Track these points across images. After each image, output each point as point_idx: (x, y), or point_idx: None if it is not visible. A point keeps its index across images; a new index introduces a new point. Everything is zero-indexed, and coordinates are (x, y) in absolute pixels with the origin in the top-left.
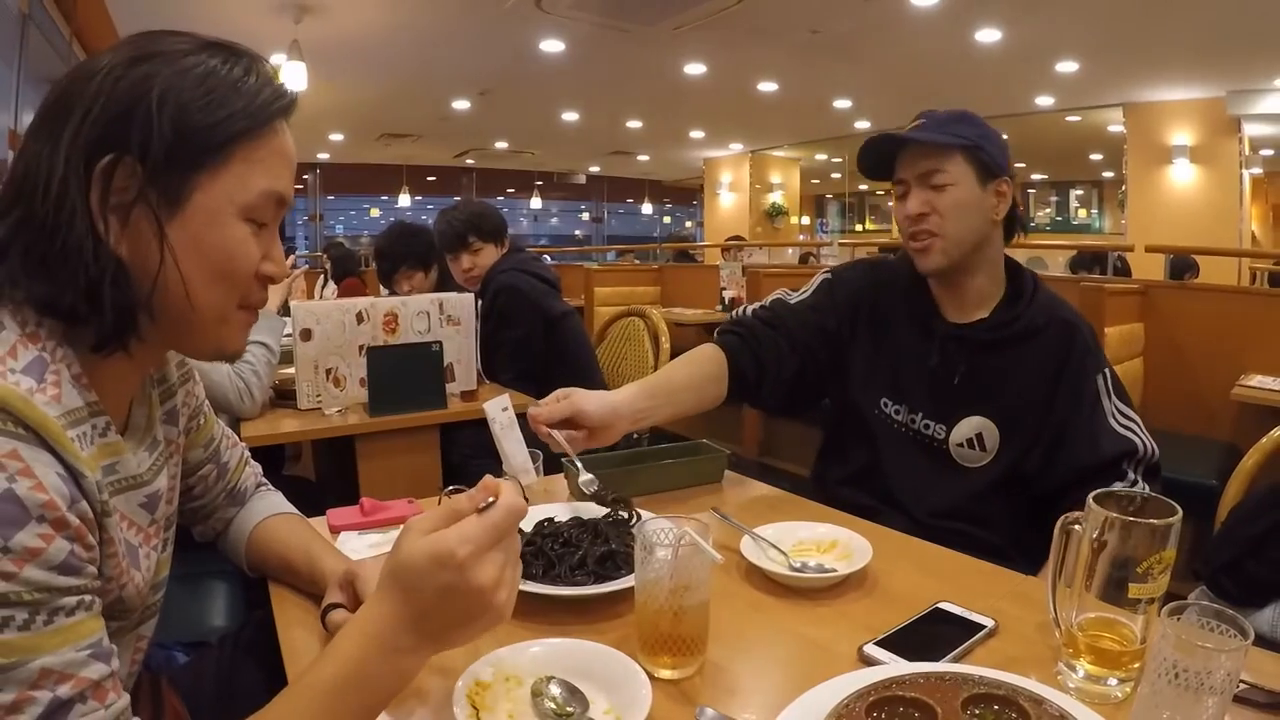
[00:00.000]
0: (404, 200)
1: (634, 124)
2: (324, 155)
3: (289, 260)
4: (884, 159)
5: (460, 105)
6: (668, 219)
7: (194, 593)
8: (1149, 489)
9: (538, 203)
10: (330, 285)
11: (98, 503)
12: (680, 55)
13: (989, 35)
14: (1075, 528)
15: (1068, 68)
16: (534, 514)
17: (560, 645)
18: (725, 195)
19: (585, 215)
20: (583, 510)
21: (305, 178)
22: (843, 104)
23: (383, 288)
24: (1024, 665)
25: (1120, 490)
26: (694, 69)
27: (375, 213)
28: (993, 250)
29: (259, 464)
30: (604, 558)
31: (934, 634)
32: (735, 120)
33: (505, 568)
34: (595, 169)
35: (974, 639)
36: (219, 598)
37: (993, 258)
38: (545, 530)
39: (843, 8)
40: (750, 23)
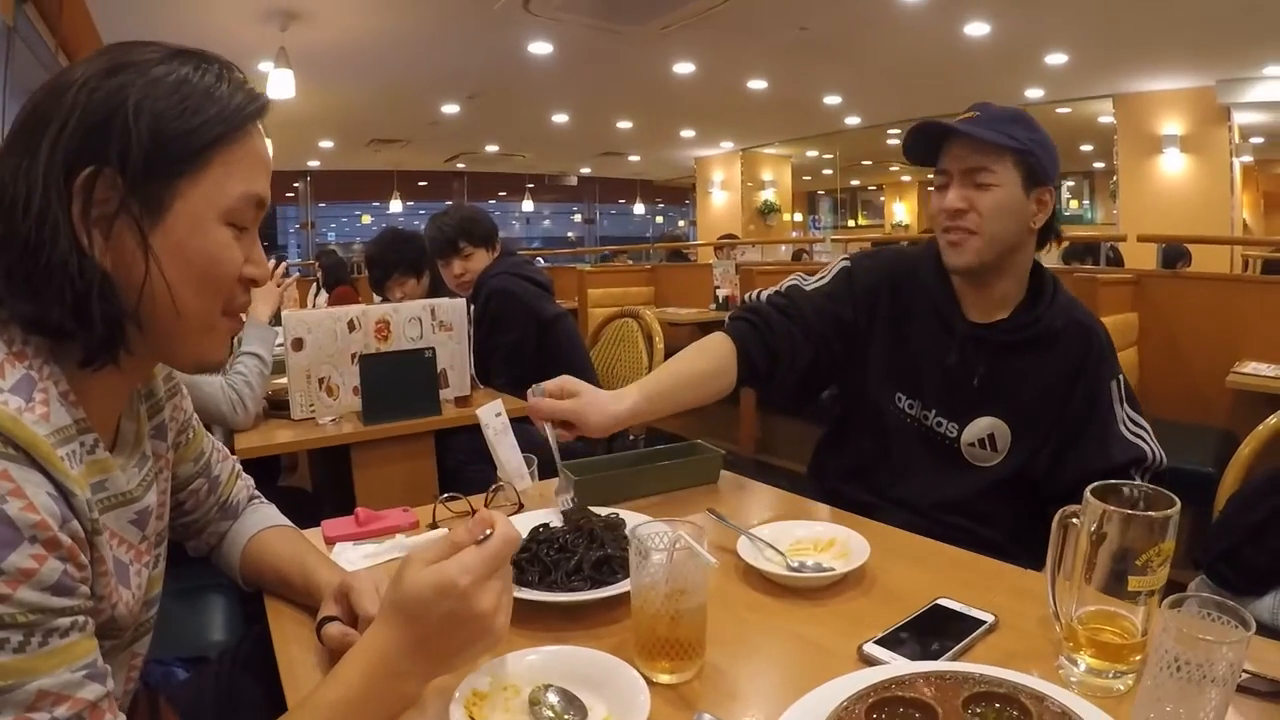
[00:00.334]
0: (395, 206)
1: (624, 124)
2: (314, 163)
3: (280, 268)
4: (929, 145)
5: (450, 109)
6: (660, 219)
7: (191, 607)
8: None
9: (529, 205)
10: (322, 294)
11: (88, 521)
12: (669, 55)
13: (978, 29)
14: (1074, 521)
15: (1057, 60)
16: (529, 520)
17: (557, 653)
18: (717, 194)
19: (577, 217)
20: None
21: (296, 185)
22: (833, 100)
23: (375, 295)
24: (1025, 660)
25: (1118, 483)
26: (683, 68)
27: (367, 219)
28: (1024, 255)
29: (252, 476)
30: (599, 563)
31: (934, 631)
32: (726, 119)
33: (502, 594)
34: (586, 170)
35: (974, 635)
36: (217, 611)
37: (1022, 262)
38: (540, 536)
39: (831, 4)
40: (738, 21)
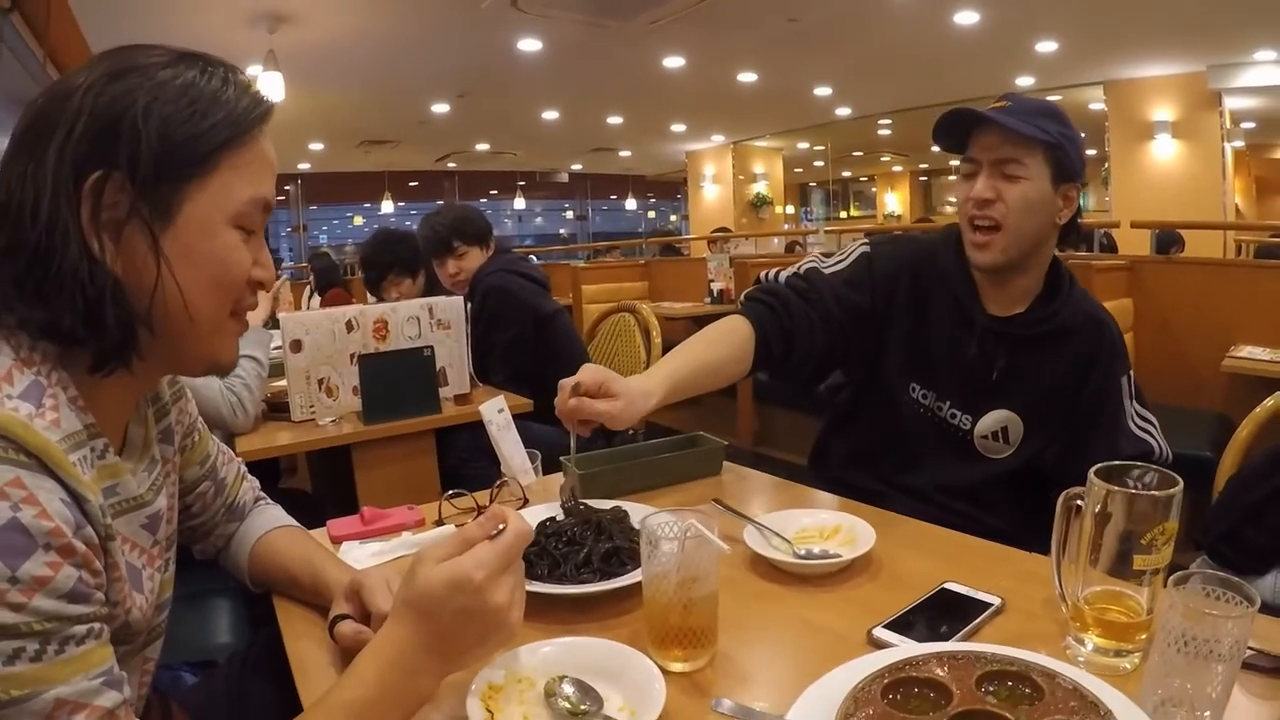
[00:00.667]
0: (387, 206)
1: (615, 120)
2: (305, 165)
3: None
4: (959, 133)
5: (439, 109)
6: (652, 214)
7: (198, 612)
8: None
9: (521, 203)
10: (315, 297)
11: (101, 526)
12: (658, 49)
13: (967, 17)
14: (1078, 503)
15: (1047, 47)
16: (535, 514)
17: (571, 644)
18: (709, 187)
19: (569, 213)
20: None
21: (287, 188)
22: (823, 91)
23: (370, 296)
24: (1032, 641)
25: (1121, 464)
26: (673, 62)
27: (359, 220)
28: (1046, 250)
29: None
30: (608, 554)
31: (942, 614)
32: (716, 112)
33: (515, 589)
34: (577, 167)
35: (982, 618)
36: (223, 615)
37: (1044, 257)
38: (548, 530)
39: None
40: (727, 14)
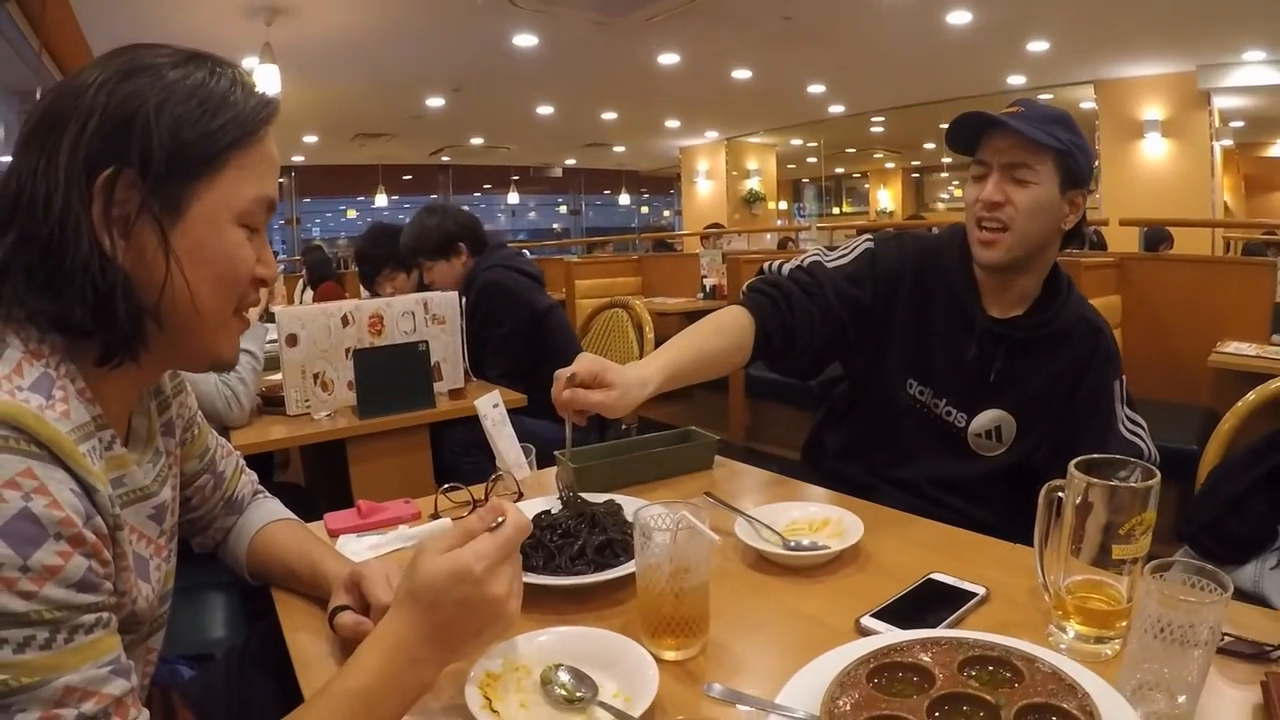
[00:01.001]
0: (381, 200)
1: (609, 115)
2: (299, 158)
3: None
4: (970, 135)
5: (434, 103)
6: (645, 209)
7: (193, 606)
8: None
9: (515, 197)
10: (308, 291)
11: (110, 517)
12: (653, 45)
13: (960, 17)
14: (1060, 495)
15: (1039, 46)
16: (530, 508)
17: (567, 633)
18: (702, 183)
19: (563, 208)
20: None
21: (281, 181)
22: (817, 89)
23: (365, 290)
24: (1016, 629)
25: (1100, 458)
26: (667, 59)
27: (352, 214)
28: (1049, 255)
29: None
30: (602, 546)
31: (927, 603)
32: (710, 108)
33: (514, 579)
34: (571, 162)
35: (966, 606)
36: (218, 609)
37: (1046, 261)
38: (543, 522)
39: None
40: (723, 11)
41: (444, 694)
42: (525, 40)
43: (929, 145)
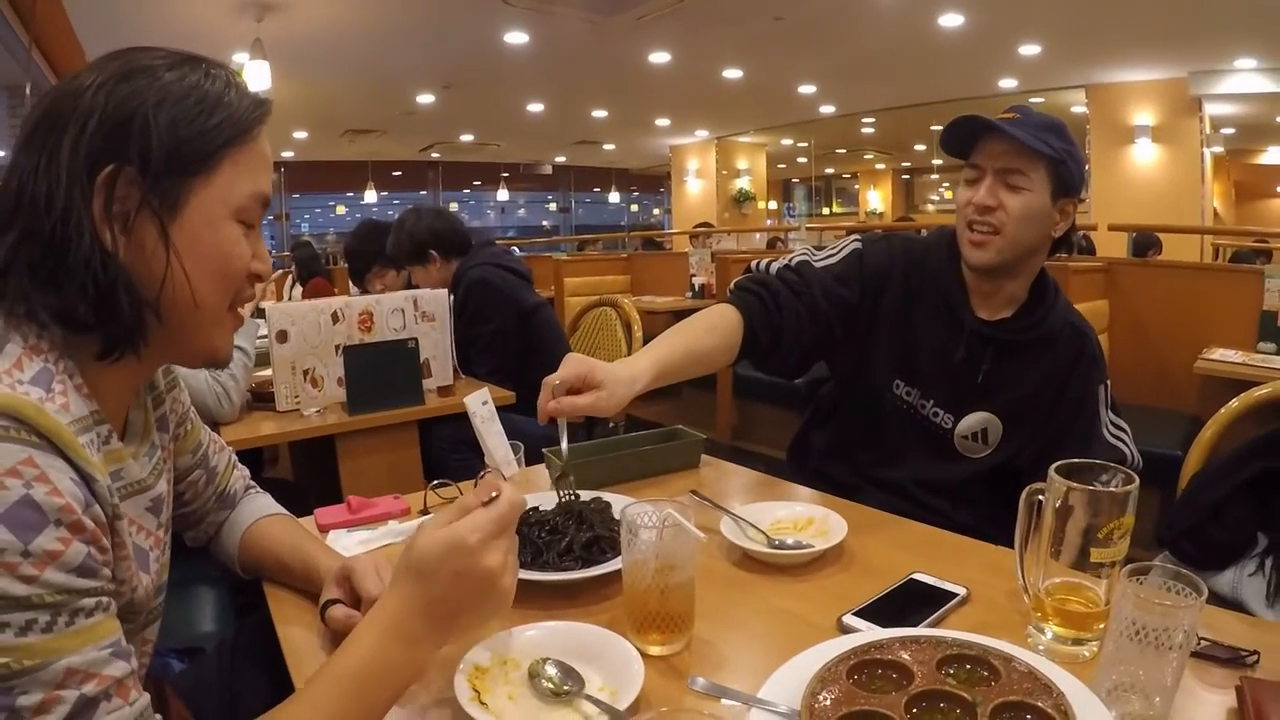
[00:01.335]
0: (370, 196)
1: (599, 113)
2: (288, 153)
3: None
4: (964, 139)
5: (425, 99)
6: (635, 207)
7: (182, 600)
8: None
9: (504, 194)
10: (297, 287)
11: (109, 506)
12: (645, 44)
13: (952, 19)
14: (1040, 498)
15: (1030, 50)
16: None
17: (554, 628)
18: (692, 182)
19: (552, 206)
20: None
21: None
22: (807, 89)
23: (354, 287)
24: (995, 630)
25: (1080, 462)
26: (658, 57)
27: (341, 210)
28: (1038, 260)
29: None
30: (589, 543)
31: (909, 603)
32: (701, 107)
33: (509, 554)
34: (561, 159)
35: (947, 607)
36: (208, 604)
37: (1034, 266)
38: (531, 519)
39: None
40: (714, 10)
41: (433, 686)
42: (516, 37)
43: (919, 147)
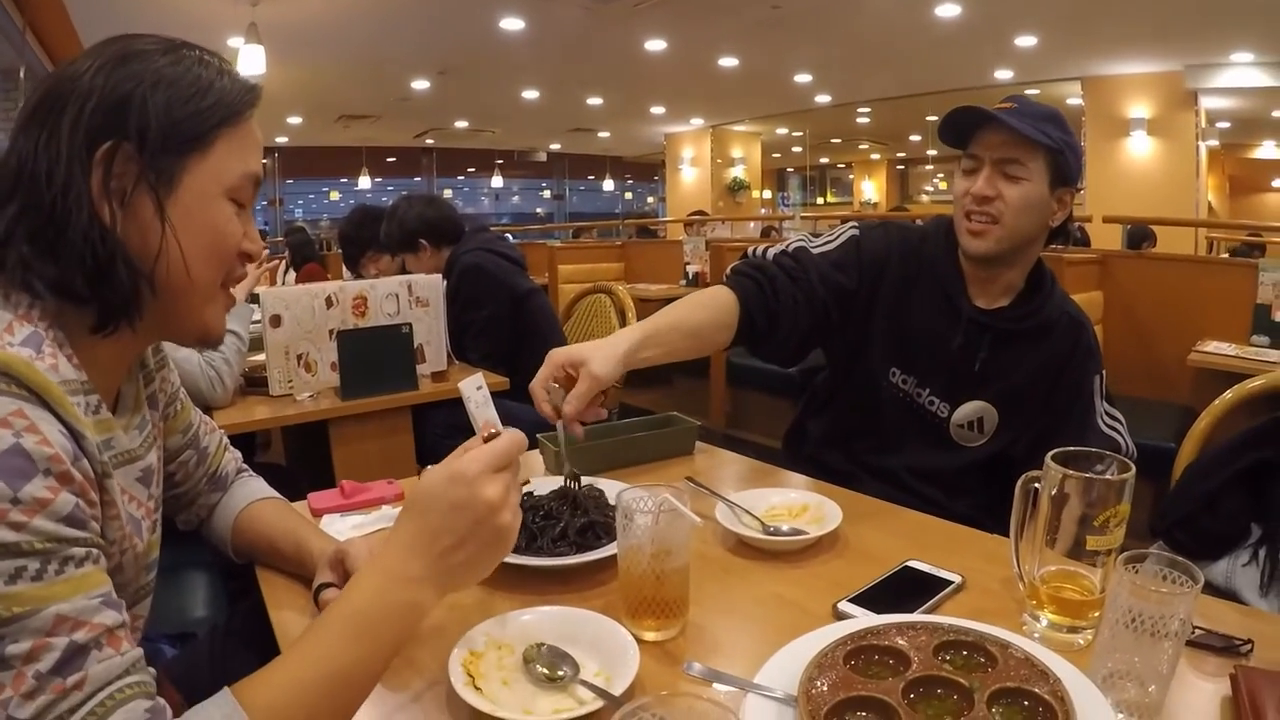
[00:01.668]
0: (364, 182)
1: (595, 101)
2: (282, 139)
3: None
4: (962, 130)
5: (420, 85)
6: (629, 195)
7: (174, 585)
8: None
9: (499, 181)
10: (291, 272)
11: (98, 463)
12: (641, 32)
13: (948, 9)
14: (1036, 486)
15: (1027, 42)
16: None
17: (549, 613)
18: (687, 170)
19: (547, 193)
20: (558, 484)
21: (264, 162)
22: (803, 78)
23: (348, 272)
24: (991, 617)
25: (1076, 451)
26: (655, 45)
27: (335, 195)
28: (1035, 249)
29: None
30: (584, 528)
31: (904, 590)
32: (696, 95)
33: (510, 490)
34: (556, 146)
35: (943, 594)
36: (199, 589)
37: (1031, 255)
38: (525, 504)
39: None
40: None
41: (428, 672)
42: (512, 24)
43: (915, 137)
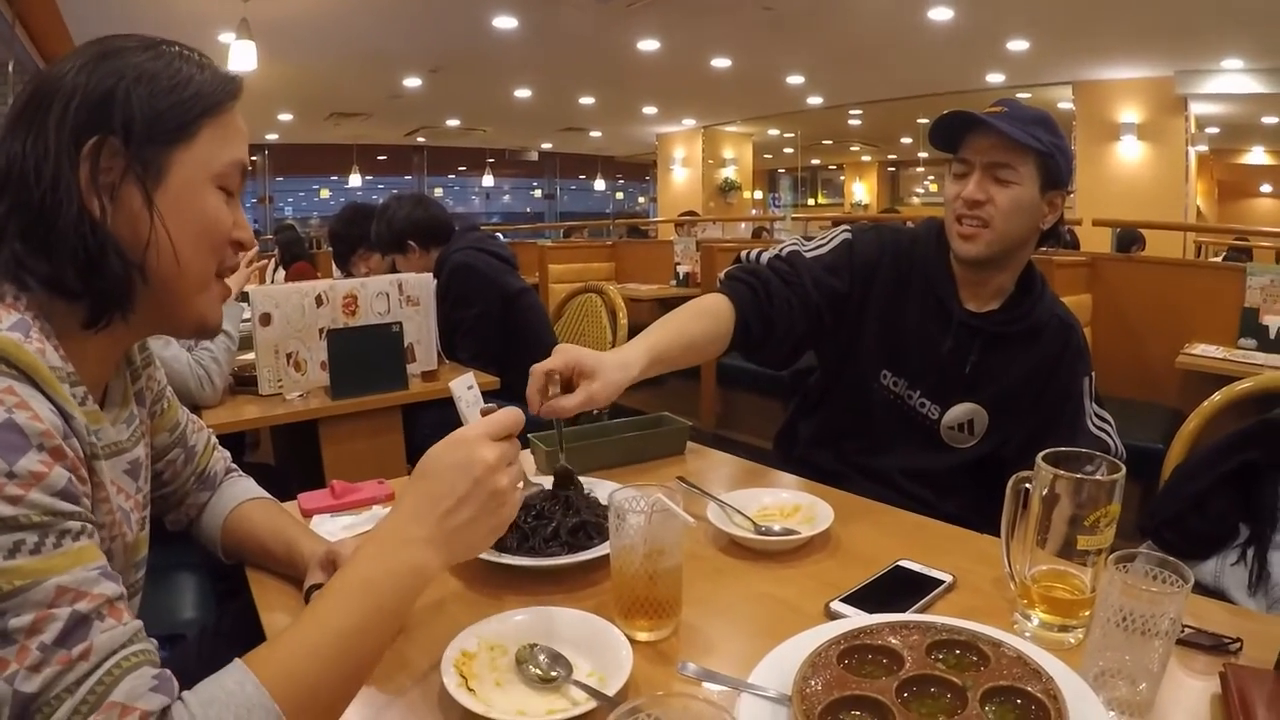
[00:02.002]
0: (354, 180)
1: (586, 100)
2: (273, 136)
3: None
4: (953, 134)
5: (411, 83)
6: (620, 195)
7: (162, 587)
8: None
9: (490, 180)
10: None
11: (86, 444)
12: (634, 32)
13: (941, 13)
14: (1027, 486)
15: (1018, 46)
16: None
17: (542, 613)
18: (678, 170)
19: (538, 192)
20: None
21: (254, 159)
22: (795, 80)
23: (338, 270)
24: (982, 616)
25: (1068, 451)
26: (647, 45)
27: (325, 193)
28: (1026, 252)
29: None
30: (576, 529)
31: (896, 589)
32: (688, 96)
33: (508, 454)
34: (547, 146)
35: (934, 593)
36: (188, 590)
37: (1022, 259)
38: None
39: None
40: None
41: (420, 673)
42: (505, 22)
43: (906, 139)
